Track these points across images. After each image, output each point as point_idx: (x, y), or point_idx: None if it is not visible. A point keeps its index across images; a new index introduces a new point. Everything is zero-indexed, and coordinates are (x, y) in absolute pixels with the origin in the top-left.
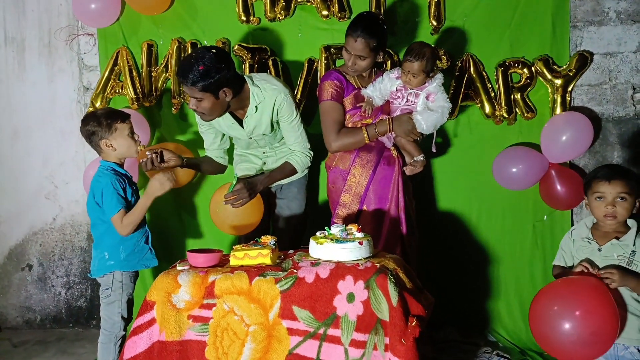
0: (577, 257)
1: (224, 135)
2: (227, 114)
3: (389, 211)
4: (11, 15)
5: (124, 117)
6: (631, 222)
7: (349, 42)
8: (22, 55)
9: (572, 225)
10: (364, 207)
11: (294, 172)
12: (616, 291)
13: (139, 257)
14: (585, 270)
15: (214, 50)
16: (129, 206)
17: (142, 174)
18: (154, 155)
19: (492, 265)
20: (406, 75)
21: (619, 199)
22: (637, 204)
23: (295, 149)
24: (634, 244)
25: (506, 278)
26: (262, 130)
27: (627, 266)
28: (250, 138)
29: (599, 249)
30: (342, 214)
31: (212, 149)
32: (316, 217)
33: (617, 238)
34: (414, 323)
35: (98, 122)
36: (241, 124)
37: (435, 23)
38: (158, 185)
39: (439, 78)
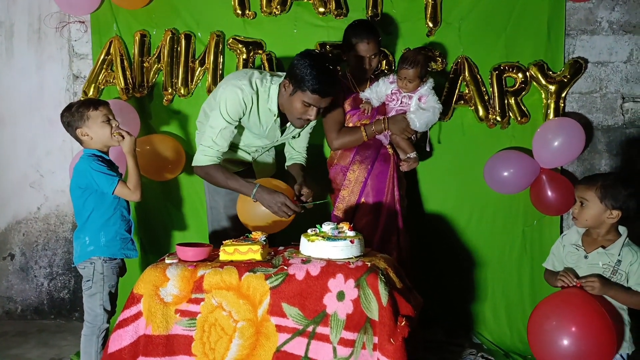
0: (566, 262)
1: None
2: (272, 112)
3: (386, 202)
4: None
5: (97, 105)
6: (622, 230)
7: (360, 47)
8: (10, 41)
9: (562, 231)
10: (362, 200)
11: None
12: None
13: (120, 245)
14: (566, 284)
15: (329, 55)
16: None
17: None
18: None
19: (480, 268)
20: (402, 81)
21: (580, 204)
22: (614, 213)
23: (301, 151)
24: (619, 254)
25: (493, 281)
26: (293, 134)
27: (611, 275)
28: (277, 140)
29: (586, 257)
30: (342, 206)
31: (225, 147)
32: (312, 213)
33: (604, 247)
34: (403, 323)
35: (71, 112)
36: (281, 125)
37: (431, 24)
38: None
39: (430, 82)
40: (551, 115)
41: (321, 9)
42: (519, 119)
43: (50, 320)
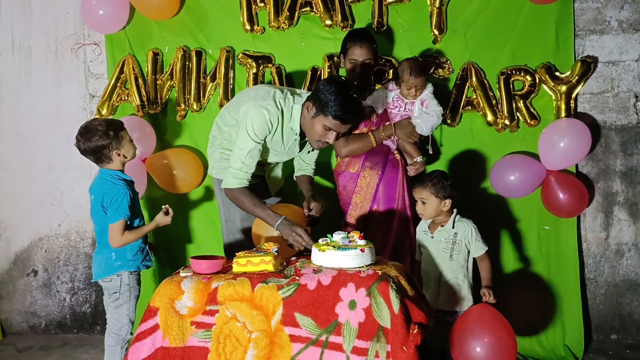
0: (421, 245)
1: None
2: (294, 131)
3: (398, 209)
4: (19, 22)
5: (122, 124)
6: (454, 210)
7: (354, 51)
8: (28, 62)
9: (579, 233)
10: (375, 207)
11: None
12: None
13: (142, 257)
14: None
15: (355, 83)
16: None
17: (150, 181)
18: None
19: (493, 272)
20: (409, 90)
21: (421, 203)
22: (447, 202)
23: (310, 163)
24: (453, 227)
25: (508, 285)
26: (309, 149)
27: (452, 245)
28: (294, 155)
29: (432, 237)
30: (355, 214)
31: (253, 167)
32: (324, 222)
33: (442, 226)
34: (415, 330)
35: (106, 135)
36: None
37: (437, 32)
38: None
39: (430, 87)
40: (562, 117)
41: (328, 22)
42: (529, 121)
43: (73, 334)
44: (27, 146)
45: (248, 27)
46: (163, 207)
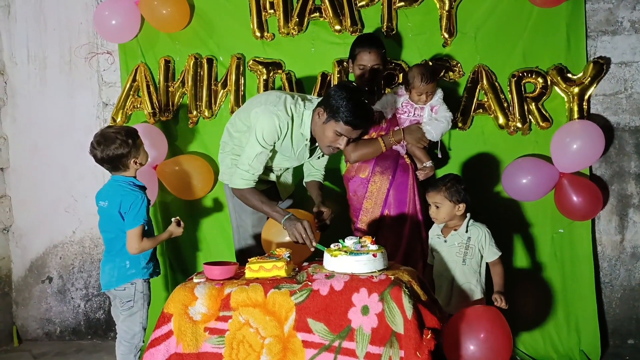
0: (433, 249)
1: None
2: (305, 137)
3: (409, 213)
4: (34, 33)
5: (138, 132)
6: (467, 214)
7: (363, 57)
8: (43, 71)
9: (594, 236)
10: (386, 212)
11: None
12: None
13: (153, 264)
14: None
15: (365, 90)
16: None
17: (161, 187)
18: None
19: (507, 276)
20: (420, 96)
21: (435, 207)
22: (461, 206)
23: (319, 168)
24: (466, 231)
25: (522, 290)
26: (319, 154)
27: (466, 250)
28: (304, 160)
29: (445, 241)
30: (366, 219)
31: (260, 170)
32: (335, 228)
33: (456, 230)
34: (429, 336)
35: (126, 143)
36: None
37: (447, 36)
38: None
39: (439, 92)
40: (575, 119)
41: (337, 27)
42: (541, 124)
43: (87, 340)
44: (42, 154)
45: (258, 33)
46: (173, 219)
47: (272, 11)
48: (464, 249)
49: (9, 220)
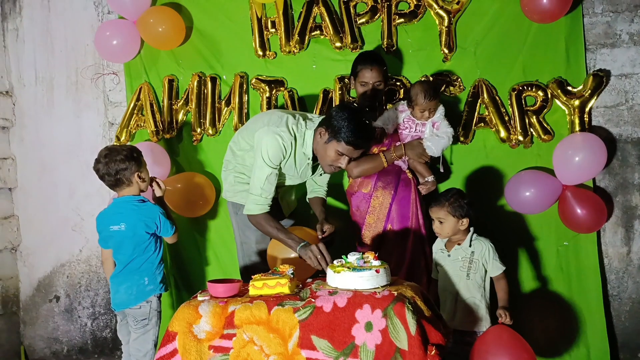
0: (437, 263)
1: None
2: (307, 156)
3: (412, 228)
4: (41, 55)
5: (139, 150)
6: (470, 229)
7: (365, 74)
8: (51, 92)
9: (600, 248)
10: (389, 226)
11: None
12: None
13: (166, 279)
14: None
15: (366, 110)
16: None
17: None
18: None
19: (513, 289)
20: (423, 113)
21: (439, 223)
22: (464, 221)
23: (322, 185)
24: (470, 246)
25: (527, 303)
26: (321, 171)
27: (469, 264)
28: (307, 178)
29: (449, 255)
30: (369, 234)
31: (272, 192)
32: (339, 243)
33: (459, 244)
34: (433, 352)
35: (131, 157)
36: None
37: (446, 51)
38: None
39: (441, 109)
40: (577, 131)
41: (338, 44)
42: (543, 136)
43: (94, 359)
44: (49, 174)
45: (260, 52)
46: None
47: (273, 30)
48: (467, 263)
49: (16, 240)
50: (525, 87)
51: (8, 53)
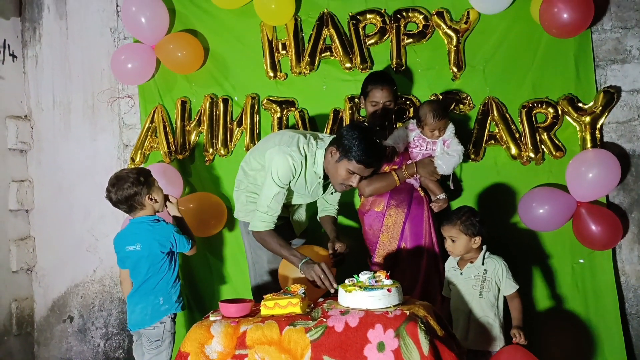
0: (450, 281)
1: None
2: (318, 175)
3: (426, 246)
4: (59, 80)
5: (150, 172)
6: (483, 246)
7: (375, 94)
8: (68, 116)
9: (615, 265)
10: (403, 245)
11: None
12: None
13: (182, 298)
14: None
15: (377, 129)
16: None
17: None
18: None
19: (528, 308)
20: (433, 131)
21: (451, 241)
22: (477, 239)
23: (333, 203)
24: (483, 264)
25: (545, 324)
26: (332, 190)
27: (482, 283)
28: (318, 196)
29: (461, 273)
30: (383, 252)
31: (279, 210)
32: (350, 262)
33: (472, 262)
34: None
35: (137, 181)
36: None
37: (455, 70)
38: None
39: (451, 127)
40: (588, 147)
41: (347, 65)
42: (554, 153)
43: None
44: (65, 196)
45: (271, 74)
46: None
47: (284, 52)
48: (480, 281)
49: (32, 261)
50: (535, 104)
51: (28, 79)
